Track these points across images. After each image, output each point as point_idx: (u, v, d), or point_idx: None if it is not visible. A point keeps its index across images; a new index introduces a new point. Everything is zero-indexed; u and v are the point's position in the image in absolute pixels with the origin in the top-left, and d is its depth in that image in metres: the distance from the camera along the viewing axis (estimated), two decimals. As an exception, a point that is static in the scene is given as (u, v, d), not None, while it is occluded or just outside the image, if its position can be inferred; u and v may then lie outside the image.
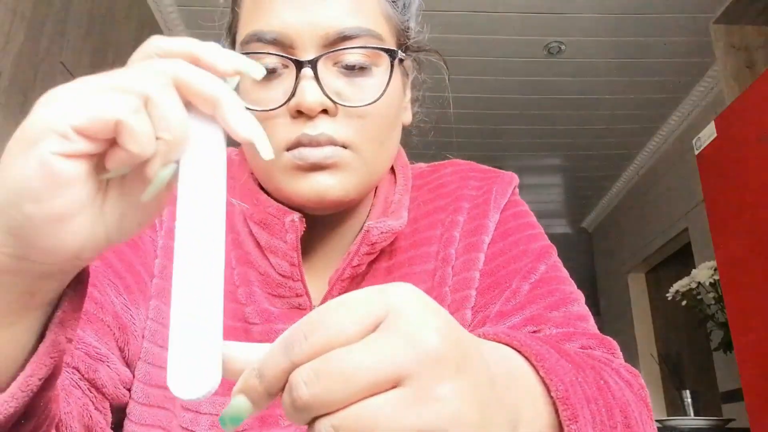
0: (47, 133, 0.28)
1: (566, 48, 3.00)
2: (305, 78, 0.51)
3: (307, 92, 0.51)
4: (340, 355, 0.25)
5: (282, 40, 0.52)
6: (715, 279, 2.43)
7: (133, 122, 0.29)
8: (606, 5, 2.72)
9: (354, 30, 0.53)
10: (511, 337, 0.40)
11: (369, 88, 0.54)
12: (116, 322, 0.51)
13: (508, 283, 0.57)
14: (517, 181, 0.66)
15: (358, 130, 0.53)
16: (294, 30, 0.52)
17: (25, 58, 1.74)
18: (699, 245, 3.26)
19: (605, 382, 0.43)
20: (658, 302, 4.11)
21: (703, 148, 2.11)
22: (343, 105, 0.52)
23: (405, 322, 0.26)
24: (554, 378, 0.37)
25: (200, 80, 0.31)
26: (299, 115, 0.52)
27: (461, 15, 2.76)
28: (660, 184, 3.85)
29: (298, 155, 0.52)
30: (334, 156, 0.52)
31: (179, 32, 2.90)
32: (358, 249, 0.56)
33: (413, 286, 0.29)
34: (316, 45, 0.52)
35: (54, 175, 0.28)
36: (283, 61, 0.53)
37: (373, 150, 0.55)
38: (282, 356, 0.27)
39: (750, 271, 1.83)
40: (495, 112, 3.53)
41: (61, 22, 1.93)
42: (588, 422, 0.38)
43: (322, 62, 0.52)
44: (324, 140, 0.52)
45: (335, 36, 0.52)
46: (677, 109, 3.47)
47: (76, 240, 0.30)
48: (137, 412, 0.52)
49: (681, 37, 2.89)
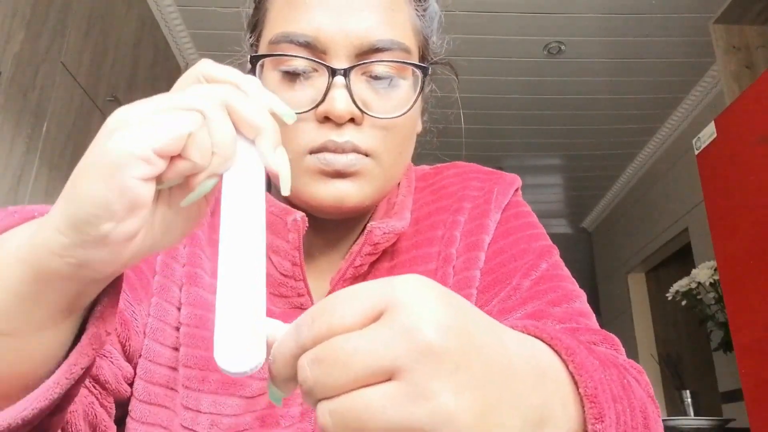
0: (129, 158, 0.30)
1: (566, 48, 3.00)
2: (336, 86, 0.52)
3: (338, 100, 0.51)
4: (338, 342, 0.26)
5: (314, 45, 0.53)
6: (715, 279, 2.43)
7: (200, 135, 0.32)
8: (606, 5, 2.72)
9: (386, 43, 0.53)
10: (540, 330, 0.38)
11: (395, 100, 0.55)
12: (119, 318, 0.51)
13: (508, 280, 0.57)
14: (519, 183, 0.66)
15: (382, 141, 0.54)
16: (327, 36, 0.52)
17: (25, 58, 1.74)
18: (699, 245, 3.26)
19: (628, 381, 0.42)
20: (658, 302, 4.11)
21: (703, 148, 2.11)
22: (371, 116, 0.53)
23: (405, 315, 0.26)
24: (584, 374, 0.36)
25: (249, 108, 0.34)
26: (326, 121, 0.52)
27: (461, 15, 2.76)
28: (660, 184, 3.85)
29: (323, 160, 0.52)
30: (357, 164, 0.53)
31: (179, 32, 2.91)
32: (361, 249, 0.56)
33: (425, 278, 0.28)
34: (348, 53, 0.53)
35: (136, 199, 0.31)
36: (314, 65, 0.53)
37: (393, 159, 0.56)
38: (291, 340, 0.28)
39: (750, 271, 1.83)
40: (495, 112, 3.53)
41: (61, 22, 1.93)
42: (613, 423, 0.37)
43: (353, 72, 0.53)
44: (349, 147, 0.52)
45: (368, 47, 0.53)
46: (677, 109, 3.47)
47: (133, 251, 0.33)
48: (138, 409, 0.52)
49: (681, 37, 2.89)
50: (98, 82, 2.20)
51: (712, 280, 2.45)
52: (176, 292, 0.55)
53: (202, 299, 0.55)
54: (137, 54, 2.55)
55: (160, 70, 2.79)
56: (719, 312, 2.43)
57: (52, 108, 1.89)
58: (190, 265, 0.56)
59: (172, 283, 0.55)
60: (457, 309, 0.28)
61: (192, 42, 2.99)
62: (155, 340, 0.54)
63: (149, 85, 2.64)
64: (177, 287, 0.56)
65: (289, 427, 0.52)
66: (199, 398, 0.52)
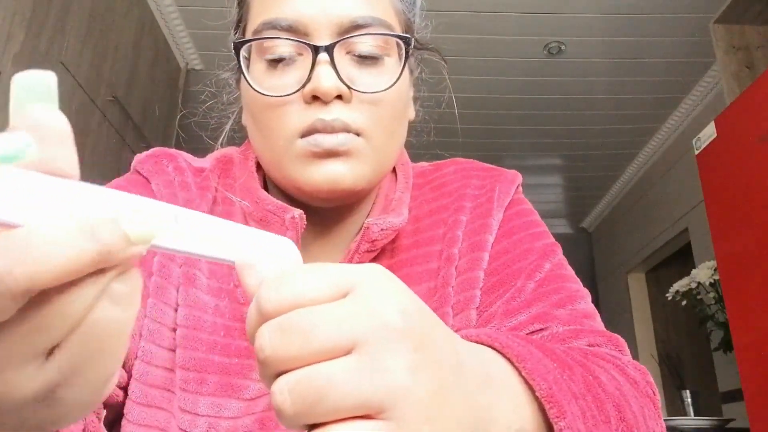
0: None
1: (566, 48, 3.00)
2: (321, 63, 0.52)
3: (323, 77, 0.51)
4: (302, 312, 0.26)
5: (296, 27, 0.53)
6: (715, 279, 2.43)
7: None
8: (606, 5, 2.72)
9: (366, 19, 0.54)
10: (492, 339, 0.39)
11: (381, 76, 0.55)
12: None
13: (512, 282, 0.56)
14: (520, 180, 0.65)
15: (371, 118, 0.54)
16: (308, 18, 0.53)
17: (25, 58, 1.74)
18: (699, 245, 3.26)
19: (595, 377, 0.43)
20: (658, 302, 4.11)
21: (703, 148, 2.11)
22: (357, 91, 0.53)
23: (370, 295, 0.27)
24: (537, 378, 0.37)
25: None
26: (314, 100, 0.52)
27: (461, 15, 2.75)
28: (660, 184, 3.85)
29: (313, 141, 0.52)
30: (348, 143, 0.52)
31: (179, 32, 2.91)
32: (358, 246, 0.56)
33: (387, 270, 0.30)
34: (330, 33, 0.53)
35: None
36: (298, 48, 0.53)
37: (384, 139, 0.55)
38: (254, 310, 0.28)
39: (750, 271, 1.83)
40: (495, 112, 3.53)
41: (61, 22, 1.93)
42: (577, 417, 0.38)
43: (336, 50, 0.53)
44: (339, 126, 0.52)
45: (349, 24, 0.53)
46: (677, 109, 3.47)
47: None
48: (135, 412, 0.52)
49: (681, 37, 2.89)
50: (98, 82, 2.20)
51: (712, 280, 2.45)
52: (173, 293, 0.55)
53: (199, 300, 0.55)
54: (137, 54, 2.55)
55: (160, 70, 2.79)
56: (719, 312, 2.43)
57: (52, 108, 1.89)
58: (187, 265, 0.56)
59: (169, 284, 0.55)
60: (418, 302, 0.29)
61: (192, 42, 2.99)
62: (152, 342, 0.53)
63: (149, 85, 2.64)
64: (174, 288, 0.55)
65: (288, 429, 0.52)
66: (196, 401, 0.52)
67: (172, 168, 0.61)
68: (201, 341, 0.53)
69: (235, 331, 0.55)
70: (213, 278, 0.57)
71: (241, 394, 0.52)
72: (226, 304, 0.56)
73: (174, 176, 0.60)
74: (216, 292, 0.56)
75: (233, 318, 0.55)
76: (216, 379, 0.52)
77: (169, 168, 0.61)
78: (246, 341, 0.54)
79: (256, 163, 0.62)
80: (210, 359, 0.53)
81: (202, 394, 0.52)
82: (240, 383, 0.53)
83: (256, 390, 0.53)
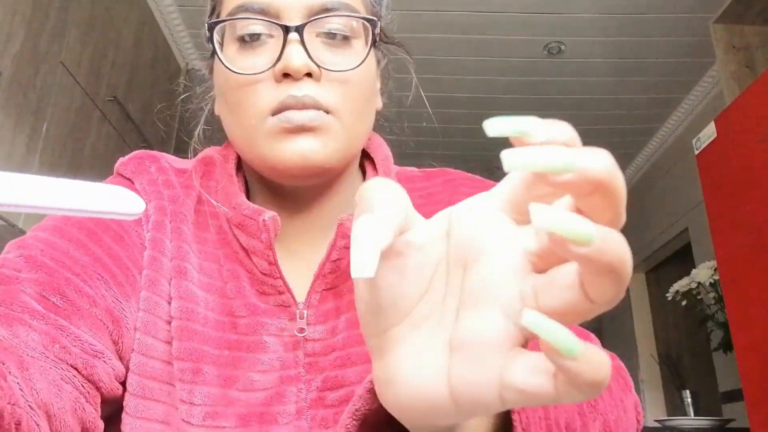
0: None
1: (566, 48, 3.00)
2: (291, 42, 0.54)
3: (294, 55, 0.54)
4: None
5: (269, 10, 0.56)
6: (715, 279, 2.43)
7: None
8: (606, 5, 2.72)
9: (335, 3, 0.57)
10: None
11: (350, 56, 0.57)
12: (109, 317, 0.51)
13: None
14: None
15: (340, 96, 0.56)
16: (280, 2, 0.56)
17: (25, 58, 1.74)
18: (699, 245, 3.26)
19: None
20: (658, 302, 4.11)
21: (703, 148, 2.11)
22: (327, 69, 0.55)
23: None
24: None
25: None
26: (284, 78, 0.55)
27: (461, 15, 2.76)
28: (660, 184, 3.85)
29: (284, 118, 0.54)
30: (318, 119, 0.54)
31: (179, 32, 2.91)
32: (335, 242, 0.56)
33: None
34: (300, 15, 0.56)
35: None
36: (269, 30, 0.56)
37: (353, 118, 0.57)
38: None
39: (750, 271, 1.83)
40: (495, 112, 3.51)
41: (61, 22, 1.93)
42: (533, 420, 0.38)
43: (306, 32, 0.55)
44: (309, 102, 0.54)
45: (319, 7, 0.56)
46: (677, 109, 3.47)
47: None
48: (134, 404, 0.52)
49: (681, 37, 2.89)
50: (98, 82, 2.20)
51: (712, 280, 2.45)
52: (165, 285, 0.56)
53: (191, 292, 0.56)
54: (137, 54, 2.55)
55: (160, 70, 2.79)
56: (719, 312, 2.43)
57: (52, 108, 1.89)
58: (177, 258, 0.57)
59: (161, 276, 0.56)
60: None
61: (192, 42, 2.99)
62: (148, 334, 0.54)
63: (149, 85, 2.64)
64: (166, 281, 0.56)
65: (287, 424, 0.52)
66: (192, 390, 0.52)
67: (155, 168, 0.62)
68: (195, 332, 0.54)
69: (225, 325, 0.56)
70: (202, 273, 0.58)
71: (235, 385, 0.53)
72: (215, 299, 0.57)
73: (157, 176, 0.61)
74: (206, 287, 0.57)
75: (222, 312, 0.56)
76: (211, 369, 0.53)
77: (152, 168, 0.62)
78: (236, 334, 0.55)
79: (236, 164, 0.63)
80: (204, 350, 0.54)
81: (198, 384, 0.52)
82: (233, 374, 0.54)
83: (248, 382, 0.53)
